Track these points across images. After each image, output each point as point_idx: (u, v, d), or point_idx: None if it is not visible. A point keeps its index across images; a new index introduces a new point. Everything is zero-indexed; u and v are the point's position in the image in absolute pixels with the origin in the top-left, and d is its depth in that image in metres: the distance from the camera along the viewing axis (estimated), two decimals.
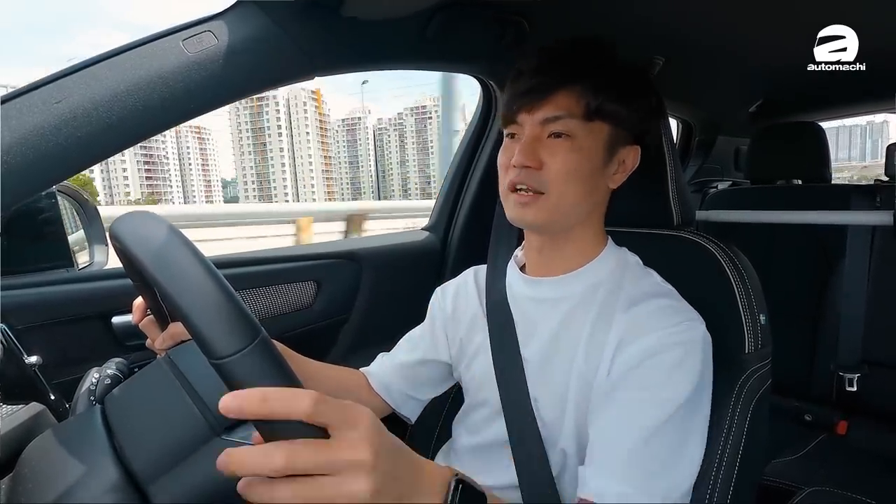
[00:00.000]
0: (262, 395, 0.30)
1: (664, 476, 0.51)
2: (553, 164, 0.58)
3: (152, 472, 0.45)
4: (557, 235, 0.63)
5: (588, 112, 0.57)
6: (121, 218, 0.44)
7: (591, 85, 0.58)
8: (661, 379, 0.52)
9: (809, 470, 1.18)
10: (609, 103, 0.58)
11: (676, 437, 0.52)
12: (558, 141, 0.58)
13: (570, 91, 0.58)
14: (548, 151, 0.58)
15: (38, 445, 0.51)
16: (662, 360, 0.53)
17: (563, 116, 0.57)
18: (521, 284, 0.68)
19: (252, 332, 0.34)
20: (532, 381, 0.63)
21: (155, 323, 0.64)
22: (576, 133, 0.58)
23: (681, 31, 1.09)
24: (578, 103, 0.57)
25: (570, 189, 0.58)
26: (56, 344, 0.79)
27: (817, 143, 1.55)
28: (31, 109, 0.51)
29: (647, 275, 0.63)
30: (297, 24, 0.67)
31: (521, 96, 0.59)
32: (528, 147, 0.58)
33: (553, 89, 0.58)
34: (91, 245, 1.05)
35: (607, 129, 0.59)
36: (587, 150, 0.58)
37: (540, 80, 0.58)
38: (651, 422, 0.51)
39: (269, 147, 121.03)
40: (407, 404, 0.77)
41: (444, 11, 0.79)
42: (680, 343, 0.54)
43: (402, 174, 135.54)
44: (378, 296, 1.14)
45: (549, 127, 0.58)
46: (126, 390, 0.55)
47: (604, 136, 0.59)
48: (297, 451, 0.30)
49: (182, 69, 0.58)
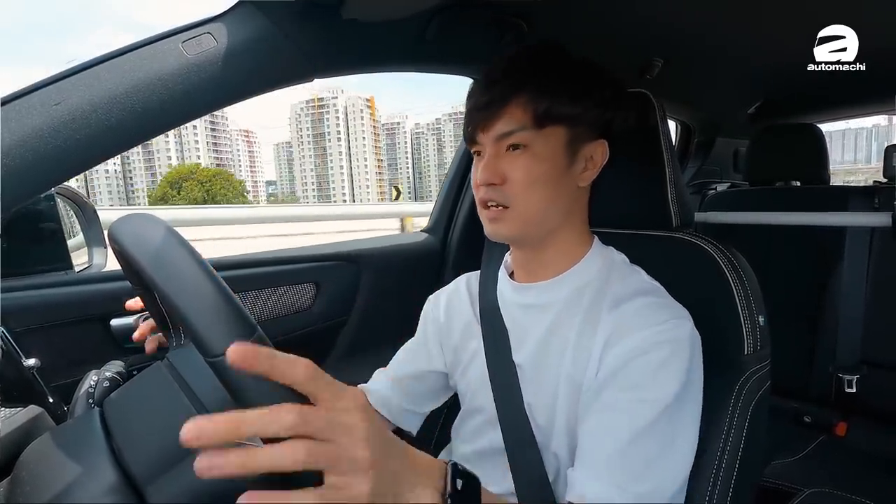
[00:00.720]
0: (270, 353, 0.31)
1: (650, 477, 0.50)
2: (515, 176, 0.58)
3: (150, 474, 0.45)
4: (536, 243, 0.64)
5: (538, 119, 0.58)
6: (119, 220, 0.45)
7: (535, 91, 0.58)
8: (647, 379, 0.52)
9: (809, 471, 1.18)
10: (558, 106, 0.58)
11: (663, 438, 0.51)
12: (516, 153, 0.59)
13: (518, 102, 0.58)
14: (508, 165, 0.59)
15: (37, 448, 0.50)
16: (648, 359, 0.53)
17: (516, 129, 0.58)
18: (510, 291, 0.68)
19: (247, 331, 0.34)
20: (525, 386, 0.63)
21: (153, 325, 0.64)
22: (531, 142, 0.58)
23: (679, 32, 1.10)
24: (526, 112, 0.58)
25: (534, 197, 0.59)
26: (55, 346, 0.79)
27: (816, 144, 1.55)
28: (30, 111, 0.51)
29: (634, 272, 0.63)
30: (297, 25, 0.67)
31: (475, 115, 0.60)
32: (490, 165, 0.59)
33: (503, 104, 0.58)
34: (90, 247, 1.05)
35: (562, 131, 0.59)
36: (546, 156, 0.59)
37: (490, 97, 0.59)
38: (637, 423, 0.51)
39: (329, 151, 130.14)
40: (407, 418, 0.77)
41: (444, 13, 0.80)
42: (666, 342, 0.53)
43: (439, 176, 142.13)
44: (377, 297, 1.14)
45: (505, 141, 0.59)
46: (124, 393, 0.55)
47: (561, 139, 0.59)
48: (307, 411, 0.31)
49: (181, 71, 0.58)
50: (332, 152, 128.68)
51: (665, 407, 0.51)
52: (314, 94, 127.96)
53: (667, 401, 0.51)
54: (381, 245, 1.19)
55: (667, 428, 0.51)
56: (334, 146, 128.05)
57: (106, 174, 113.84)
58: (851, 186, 1.52)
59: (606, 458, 0.51)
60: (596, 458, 0.51)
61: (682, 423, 0.53)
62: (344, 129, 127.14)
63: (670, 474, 0.52)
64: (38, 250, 0.90)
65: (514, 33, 0.91)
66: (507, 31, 0.90)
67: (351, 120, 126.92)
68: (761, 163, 1.63)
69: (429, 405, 0.78)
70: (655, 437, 0.51)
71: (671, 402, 0.51)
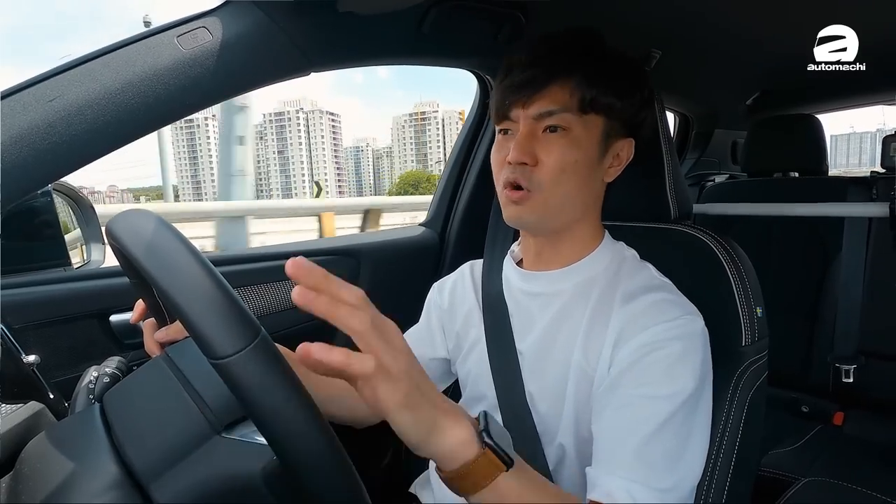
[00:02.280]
0: (325, 273, 0.34)
1: (672, 472, 0.50)
2: (549, 160, 0.57)
3: (153, 471, 0.45)
4: (553, 234, 0.63)
5: (582, 105, 0.57)
6: (117, 216, 0.44)
7: (584, 77, 0.57)
8: (662, 374, 0.52)
9: (806, 460, 1.19)
10: (603, 96, 0.57)
11: (681, 433, 0.51)
12: (554, 136, 0.57)
13: (564, 84, 0.57)
14: (543, 147, 0.57)
15: (38, 444, 0.50)
16: (662, 355, 0.53)
17: (558, 110, 0.57)
18: (517, 278, 0.68)
19: (252, 332, 0.34)
20: (527, 374, 0.63)
21: (154, 325, 0.64)
22: (571, 126, 0.57)
23: (678, 23, 1.09)
24: (573, 96, 0.57)
25: (565, 185, 0.58)
26: (54, 343, 0.79)
27: (814, 135, 1.55)
28: (26, 108, 0.51)
29: (644, 268, 0.63)
30: (293, 19, 0.66)
31: (514, 91, 0.58)
32: (524, 143, 0.57)
33: (546, 83, 0.57)
34: (88, 243, 1.05)
35: (602, 121, 0.59)
36: (583, 143, 0.58)
37: (533, 74, 0.57)
38: (655, 418, 0.51)
39: (430, 158, 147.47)
40: None
41: (440, 6, 0.79)
42: (678, 337, 0.53)
43: None
44: (376, 291, 1.12)
45: (545, 121, 0.58)
46: (124, 388, 0.55)
47: (599, 130, 0.59)
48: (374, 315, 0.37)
49: (177, 66, 0.58)
50: (432, 159, 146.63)
51: (682, 402, 0.51)
52: (417, 109, 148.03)
53: (683, 396, 0.51)
54: (380, 239, 1.19)
55: (684, 423, 0.51)
56: (434, 153, 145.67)
57: None
58: (849, 177, 1.52)
59: (628, 455, 0.50)
60: (618, 455, 0.51)
61: (698, 417, 0.53)
62: (441, 137, 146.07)
63: (690, 468, 0.52)
64: (36, 247, 0.90)
65: (511, 25, 0.90)
66: (504, 23, 0.90)
67: (447, 130, 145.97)
68: (759, 154, 1.63)
69: None
70: (674, 432, 0.51)
71: (687, 397, 0.51)
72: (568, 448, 0.60)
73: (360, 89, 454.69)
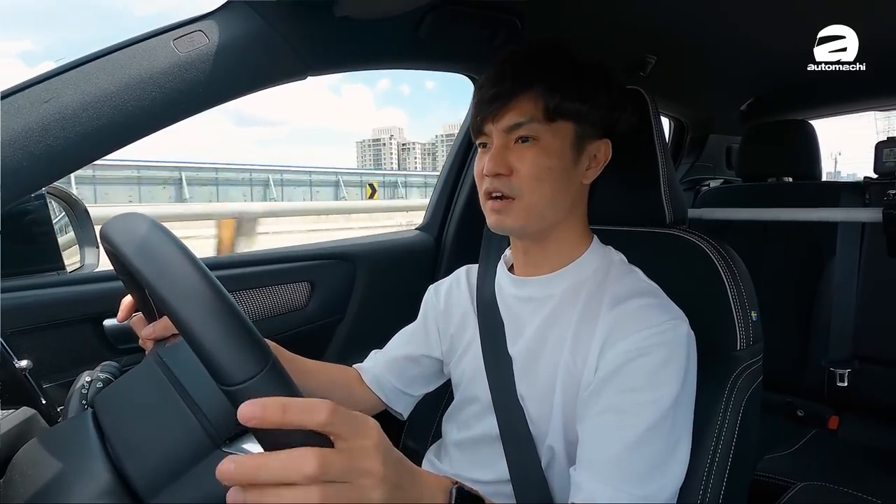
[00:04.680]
0: (281, 405, 0.31)
1: (654, 478, 0.51)
2: (523, 168, 0.59)
3: (153, 486, 0.44)
4: (538, 237, 0.64)
5: (548, 113, 0.59)
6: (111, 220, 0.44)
7: (547, 86, 0.59)
8: (647, 380, 0.53)
9: (802, 465, 1.19)
10: (568, 102, 0.59)
11: (665, 439, 0.52)
12: (525, 146, 0.60)
13: (529, 95, 0.59)
14: (516, 157, 0.60)
15: (30, 450, 0.50)
16: (647, 361, 0.53)
17: (526, 121, 0.59)
18: (508, 284, 0.69)
19: (264, 356, 0.33)
20: (518, 378, 0.64)
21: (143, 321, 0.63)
22: (540, 135, 0.59)
23: (673, 29, 1.10)
24: (537, 106, 0.59)
25: (541, 191, 0.60)
26: (47, 348, 0.78)
27: (808, 140, 1.56)
28: (20, 110, 0.51)
29: (631, 272, 0.64)
30: (289, 23, 0.66)
31: (484, 106, 0.61)
32: (498, 155, 0.60)
33: (512, 96, 0.59)
34: (81, 247, 1.04)
35: (571, 127, 0.60)
36: (554, 150, 0.60)
37: (499, 89, 0.60)
38: (639, 425, 0.51)
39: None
40: (399, 400, 0.78)
41: (437, 11, 0.79)
42: (664, 343, 0.54)
43: None
44: (372, 296, 1.13)
45: (515, 133, 0.60)
46: (117, 391, 0.54)
47: (569, 135, 0.60)
48: (327, 457, 0.31)
49: (173, 69, 0.58)
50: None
51: (666, 408, 0.52)
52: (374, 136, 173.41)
53: (667, 402, 0.52)
54: (376, 243, 1.19)
55: (667, 429, 0.52)
56: None
57: None
58: (843, 182, 1.53)
59: (611, 460, 0.51)
60: (600, 460, 0.52)
61: (681, 423, 0.54)
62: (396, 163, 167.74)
63: (672, 474, 0.52)
64: (30, 250, 0.89)
65: (507, 31, 0.91)
66: (500, 28, 0.90)
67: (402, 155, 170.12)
68: (754, 159, 1.64)
69: (421, 389, 0.80)
70: (657, 438, 0.52)
71: (671, 403, 0.52)
72: (557, 450, 0.61)
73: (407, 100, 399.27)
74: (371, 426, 0.34)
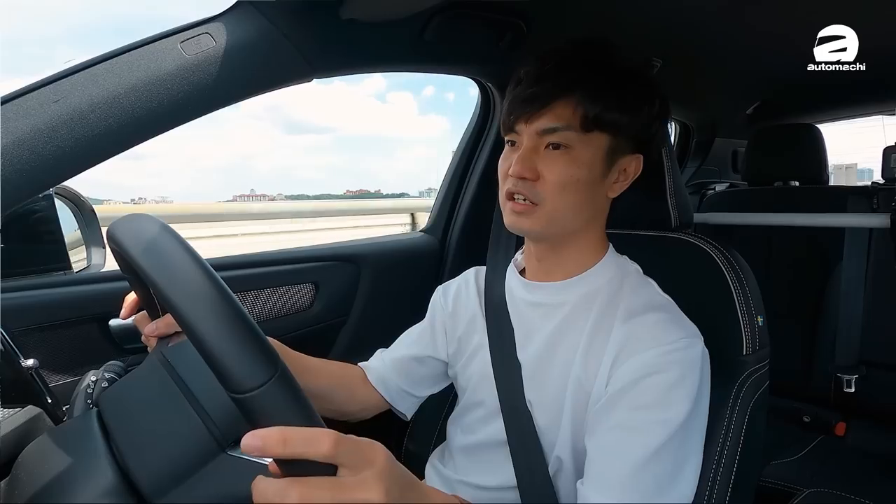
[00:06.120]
0: (282, 436, 0.31)
1: (662, 496, 0.50)
2: (550, 176, 0.57)
3: (159, 489, 0.44)
4: (555, 243, 0.63)
5: (585, 122, 0.57)
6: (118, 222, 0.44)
7: (588, 93, 0.56)
8: (660, 398, 0.52)
9: (808, 471, 1.18)
10: (608, 112, 0.57)
11: (675, 458, 0.51)
12: (556, 153, 0.58)
13: (568, 100, 0.57)
14: (545, 163, 0.58)
15: (35, 449, 0.50)
16: (660, 379, 0.52)
17: (560, 128, 0.57)
18: (520, 288, 0.68)
19: (273, 364, 0.33)
20: (527, 384, 0.63)
21: (147, 318, 0.63)
22: (573, 145, 0.57)
23: (679, 33, 1.10)
24: (575, 113, 0.56)
25: (565, 201, 0.58)
26: (53, 347, 0.79)
27: (814, 144, 1.55)
28: (29, 111, 0.51)
29: (647, 284, 0.63)
30: (296, 25, 0.66)
31: (519, 105, 0.59)
32: (526, 158, 0.58)
33: (550, 99, 0.57)
34: (88, 247, 1.04)
35: (606, 139, 0.58)
36: (585, 161, 0.58)
37: (538, 90, 0.57)
38: (650, 444, 0.50)
39: None
40: (403, 400, 0.77)
41: (443, 13, 0.80)
42: (678, 361, 0.53)
43: None
44: (376, 298, 1.13)
45: (547, 138, 0.58)
46: (122, 391, 0.54)
47: (603, 147, 0.58)
48: (312, 490, 0.31)
49: (180, 71, 0.58)
50: None
51: (677, 427, 0.51)
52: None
53: (678, 421, 0.51)
54: (380, 245, 1.19)
55: (678, 448, 0.51)
56: None
57: None
58: (850, 187, 1.52)
59: (620, 478, 0.50)
60: (609, 477, 0.51)
61: (692, 442, 0.53)
62: None
63: (680, 492, 0.52)
64: (37, 250, 0.90)
65: (513, 34, 0.91)
66: (506, 31, 0.90)
67: None
68: (760, 163, 1.63)
69: (426, 390, 0.79)
70: (667, 457, 0.51)
71: (682, 422, 0.51)
72: (565, 460, 0.60)
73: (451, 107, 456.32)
74: (376, 452, 0.35)
